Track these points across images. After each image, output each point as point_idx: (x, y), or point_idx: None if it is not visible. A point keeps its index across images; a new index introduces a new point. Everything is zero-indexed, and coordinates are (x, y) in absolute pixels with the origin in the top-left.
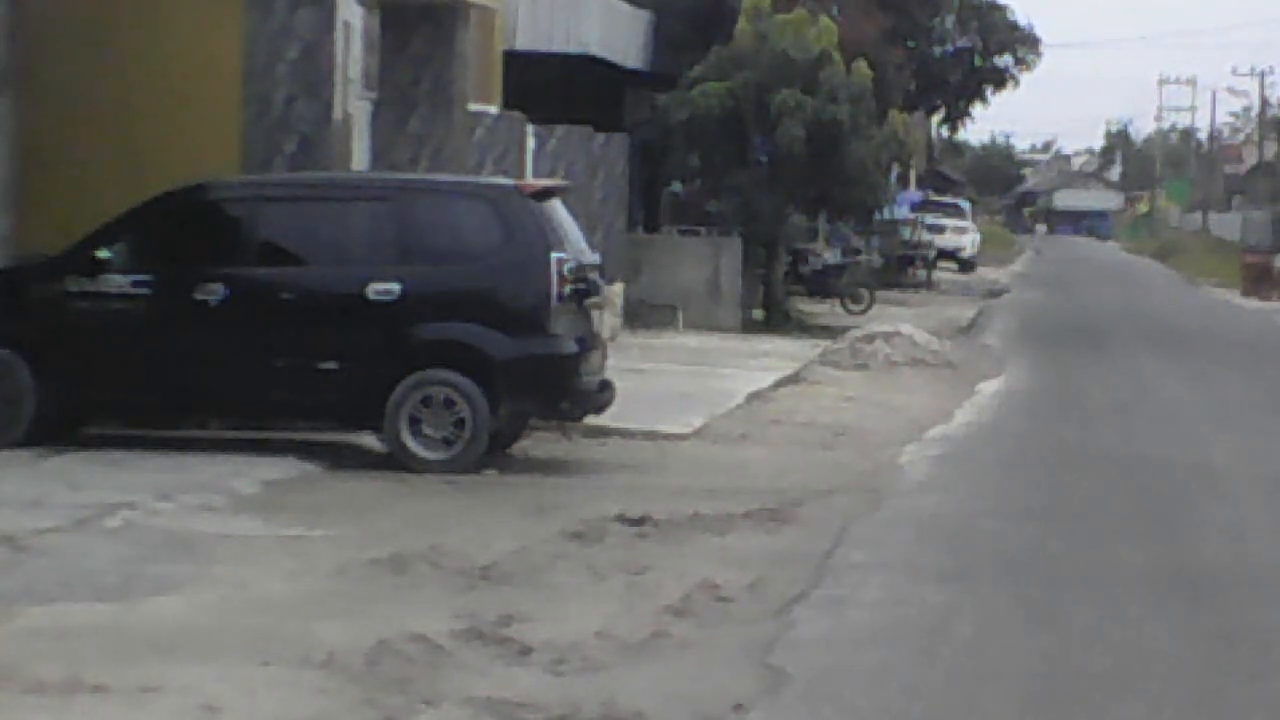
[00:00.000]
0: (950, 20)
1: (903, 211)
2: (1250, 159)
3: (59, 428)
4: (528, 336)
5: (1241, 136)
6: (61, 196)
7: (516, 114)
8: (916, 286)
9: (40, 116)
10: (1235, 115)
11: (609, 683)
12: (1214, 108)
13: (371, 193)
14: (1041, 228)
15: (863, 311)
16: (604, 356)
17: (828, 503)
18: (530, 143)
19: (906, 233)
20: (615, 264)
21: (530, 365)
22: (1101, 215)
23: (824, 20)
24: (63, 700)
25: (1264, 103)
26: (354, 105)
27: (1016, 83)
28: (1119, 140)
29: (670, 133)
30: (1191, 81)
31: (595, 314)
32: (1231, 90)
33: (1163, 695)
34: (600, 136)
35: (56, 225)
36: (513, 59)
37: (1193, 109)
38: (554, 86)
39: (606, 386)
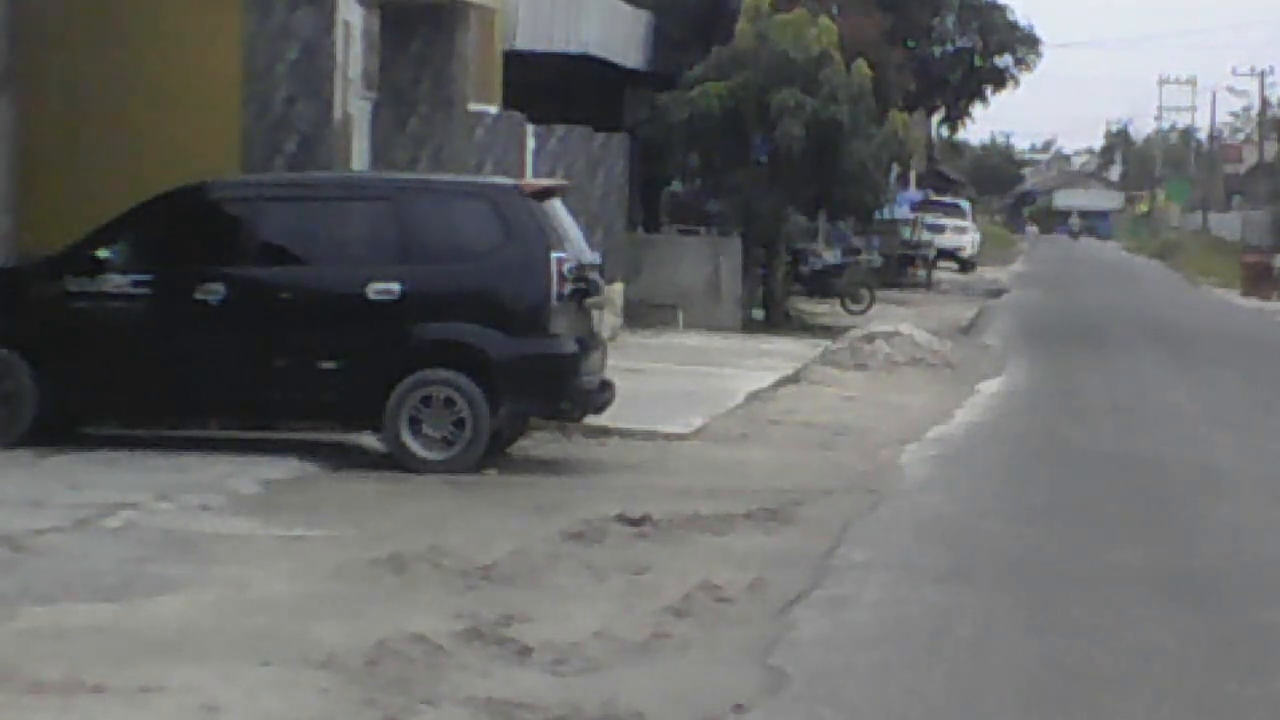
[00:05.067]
0: (950, 20)
1: (903, 211)
2: (1250, 159)
3: (59, 428)
4: (528, 336)
5: (1241, 136)
6: (61, 196)
7: (516, 114)
8: (916, 286)
9: (40, 116)
10: (1235, 115)
11: (609, 683)
12: (1214, 108)
13: (371, 193)
14: (1033, 228)
15: (863, 311)
16: (604, 356)
17: (828, 503)
18: (530, 143)
19: (906, 233)
20: (615, 264)
21: (530, 365)
22: (1101, 215)
23: (824, 20)
24: (63, 700)
25: (1264, 103)
26: (354, 105)
27: (1016, 83)
28: (1119, 140)
29: (670, 132)
30: (1191, 81)
31: (595, 314)
32: (1231, 90)
33: (1163, 695)
34: (600, 136)
35: (56, 225)
36: (513, 59)
37: (1193, 109)
38: (554, 86)
39: (606, 386)
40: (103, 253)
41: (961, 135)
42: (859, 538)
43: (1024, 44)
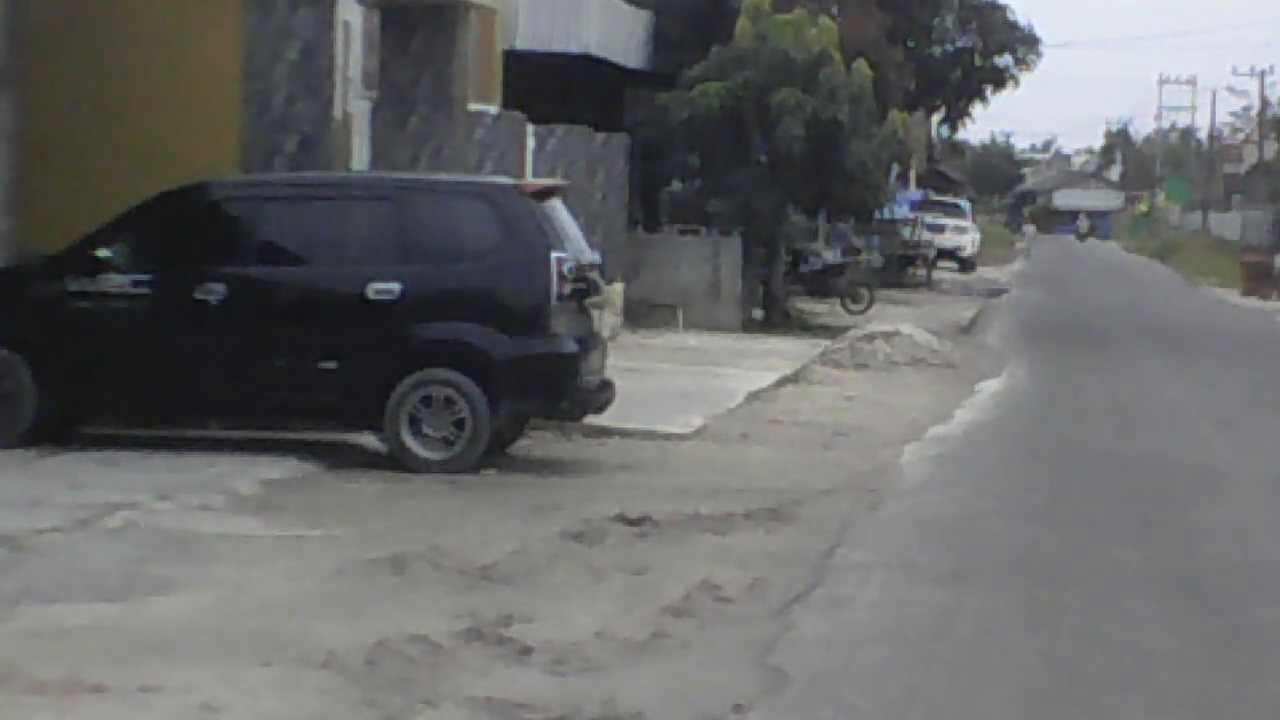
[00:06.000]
0: (950, 20)
1: (903, 211)
2: (1250, 159)
3: (59, 428)
4: (528, 336)
5: (1241, 136)
6: (61, 196)
7: (516, 114)
8: (916, 286)
9: (40, 116)
10: (1235, 115)
11: (609, 683)
12: (1214, 108)
13: (371, 192)
14: (1030, 228)
15: (863, 311)
16: (604, 356)
17: (828, 503)
18: (530, 143)
19: (906, 232)
20: (615, 264)
21: (530, 365)
22: (1101, 215)
23: (824, 20)
24: (63, 700)
25: (1264, 103)
26: (354, 105)
27: (1016, 82)
28: (1119, 140)
29: (670, 133)
30: (1191, 81)
31: (595, 314)
32: (1231, 90)
33: (1163, 695)
34: (600, 136)
35: (56, 225)
36: (513, 59)
37: (1193, 109)
38: (554, 86)
39: (606, 386)
40: (103, 253)
41: (961, 135)
42: (859, 538)
43: (1024, 44)
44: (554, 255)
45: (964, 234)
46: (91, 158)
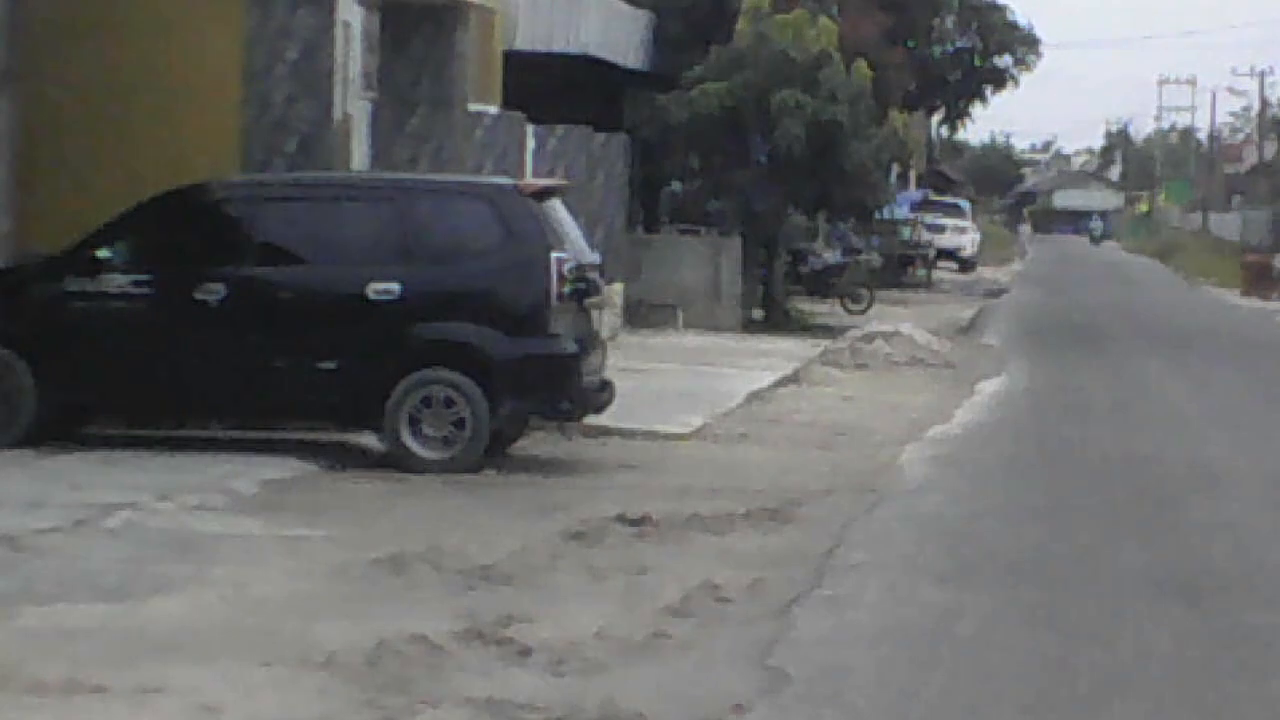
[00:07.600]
0: (950, 20)
1: (903, 211)
2: (1250, 159)
3: (59, 428)
4: (528, 336)
5: (1241, 136)
6: (61, 196)
7: (516, 114)
8: (916, 286)
9: (40, 116)
10: (1235, 115)
11: (609, 683)
12: (1214, 108)
13: (371, 193)
14: (1026, 228)
15: (863, 311)
16: (604, 356)
17: (828, 503)
18: (530, 143)
19: (906, 233)
20: (615, 264)
21: (530, 365)
22: (1101, 215)
23: (824, 20)
24: (63, 700)
25: (1264, 103)
26: (354, 105)
27: (1016, 83)
28: (1119, 140)
29: (670, 133)
30: (1191, 81)
31: (595, 314)
32: (1231, 90)
33: (1163, 695)
34: (600, 136)
35: (56, 225)
36: (513, 59)
37: (1193, 109)
38: (554, 86)
39: (606, 386)
40: (103, 253)
41: (961, 135)
42: (859, 538)
43: (1024, 44)
44: (554, 255)
45: (964, 234)
46: (91, 157)
